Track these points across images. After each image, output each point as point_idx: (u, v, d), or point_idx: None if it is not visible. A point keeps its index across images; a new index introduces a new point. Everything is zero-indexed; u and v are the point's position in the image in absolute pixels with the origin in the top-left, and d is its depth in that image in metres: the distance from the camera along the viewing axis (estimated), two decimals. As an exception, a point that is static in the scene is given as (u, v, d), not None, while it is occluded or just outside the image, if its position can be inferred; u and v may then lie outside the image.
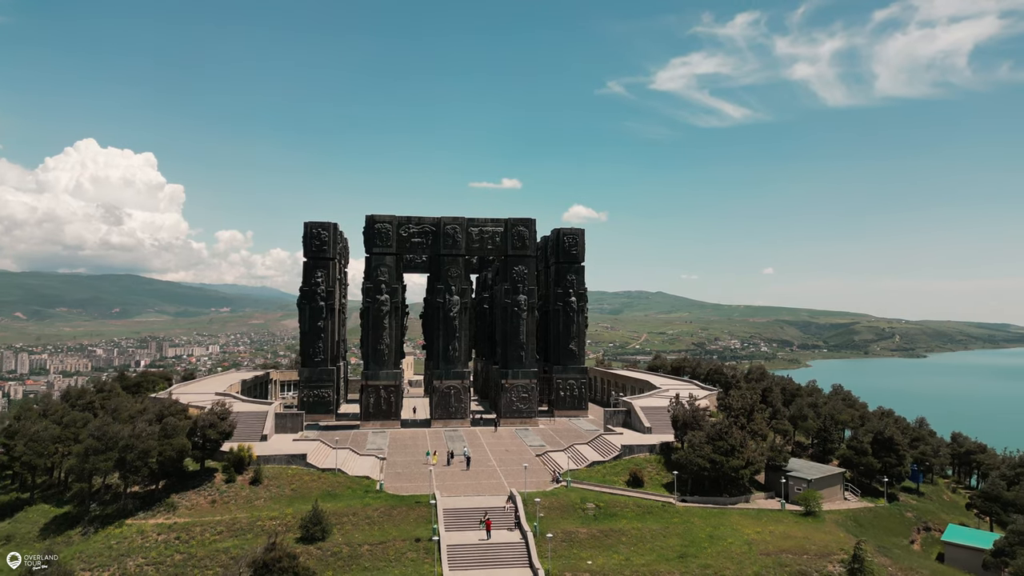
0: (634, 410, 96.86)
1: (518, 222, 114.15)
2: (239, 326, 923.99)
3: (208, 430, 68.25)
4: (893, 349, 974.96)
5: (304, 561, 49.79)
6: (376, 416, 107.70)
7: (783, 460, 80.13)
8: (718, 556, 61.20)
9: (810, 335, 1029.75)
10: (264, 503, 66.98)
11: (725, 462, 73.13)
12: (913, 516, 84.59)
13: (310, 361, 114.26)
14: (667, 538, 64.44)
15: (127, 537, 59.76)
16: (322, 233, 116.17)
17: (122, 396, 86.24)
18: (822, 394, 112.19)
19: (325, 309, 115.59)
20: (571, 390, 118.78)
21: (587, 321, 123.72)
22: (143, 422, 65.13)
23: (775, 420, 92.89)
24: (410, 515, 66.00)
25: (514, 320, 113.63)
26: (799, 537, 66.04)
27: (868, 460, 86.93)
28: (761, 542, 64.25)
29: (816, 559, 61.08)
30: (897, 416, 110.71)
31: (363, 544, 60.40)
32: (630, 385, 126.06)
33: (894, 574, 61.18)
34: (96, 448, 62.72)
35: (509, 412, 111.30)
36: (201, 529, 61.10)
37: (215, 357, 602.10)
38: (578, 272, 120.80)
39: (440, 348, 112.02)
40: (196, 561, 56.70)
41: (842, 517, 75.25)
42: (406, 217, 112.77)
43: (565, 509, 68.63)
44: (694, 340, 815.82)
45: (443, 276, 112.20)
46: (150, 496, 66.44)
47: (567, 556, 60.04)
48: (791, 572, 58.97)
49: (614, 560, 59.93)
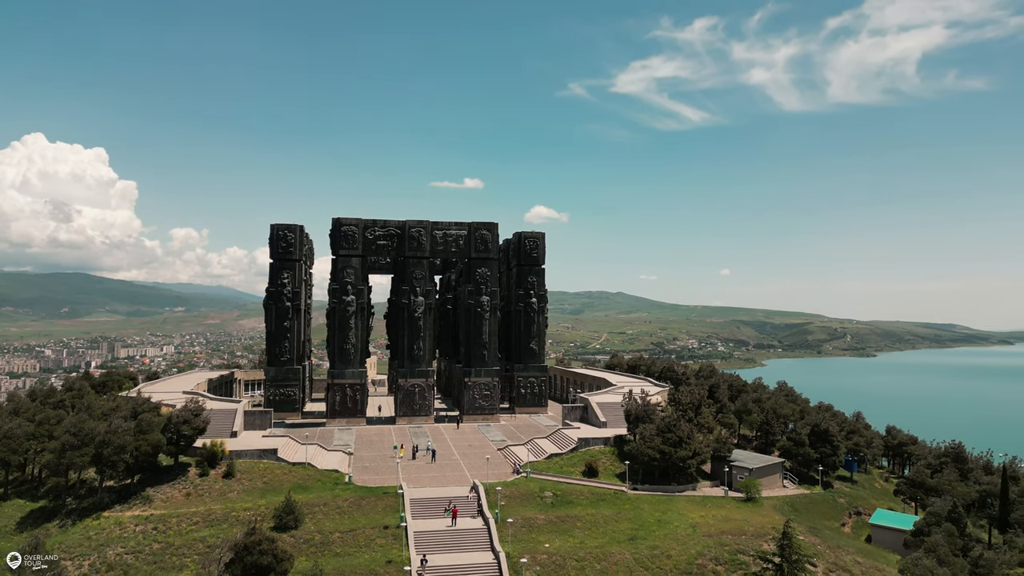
0: (591, 406, 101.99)
1: (481, 226, 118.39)
2: (194, 326, 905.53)
3: (182, 426, 70.82)
4: (845, 348, 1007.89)
5: (281, 545, 53.12)
6: (342, 414, 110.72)
7: (727, 451, 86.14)
8: (665, 538, 66.49)
9: (765, 335, 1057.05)
10: (237, 495, 69.91)
11: (673, 453, 78.66)
12: (845, 502, 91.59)
13: (276, 360, 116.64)
14: (619, 523, 69.50)
15: (105, 528, 62.22)
16: (288, 235, 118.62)
17: (91, 395, 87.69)
18: (767, 390, 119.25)
19: (291, 310, 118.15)
20: (531, 388, 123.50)
21: (547, 321, 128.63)
22: (119, 418, 67.42)
23: (721, 414, 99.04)
24: (378, 505, 69.73)
25: (477, 320, 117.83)
26: (739, 520, 71.83)
27: (806, 451, 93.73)
28: (704, 525, 69.80)
29: (753, 539, 66.83)
30: (836, 411, 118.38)
31: (334, 532, 63.98)
32: (588, 383, 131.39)
33: (823, 552, 67.36)
34: (72, 444, 64.89)
35: (472, 409, 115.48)
36: (177, 520, 63.86)
37: (169, 358, 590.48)
38: (539, 274, 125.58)
39: (405, 347, 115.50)
40: (174, 550, 59.54)
41: (780, 503, 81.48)
42: (371, 220, 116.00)
43: (525, 498, 73.17)
44: (653, 340, 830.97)
45: (408, 278, 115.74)
46: (125, 490, 68.76)
47: (526, 540, 64.52)
48: (730, 551, 64.55)
49: (569, 543, 64.70)
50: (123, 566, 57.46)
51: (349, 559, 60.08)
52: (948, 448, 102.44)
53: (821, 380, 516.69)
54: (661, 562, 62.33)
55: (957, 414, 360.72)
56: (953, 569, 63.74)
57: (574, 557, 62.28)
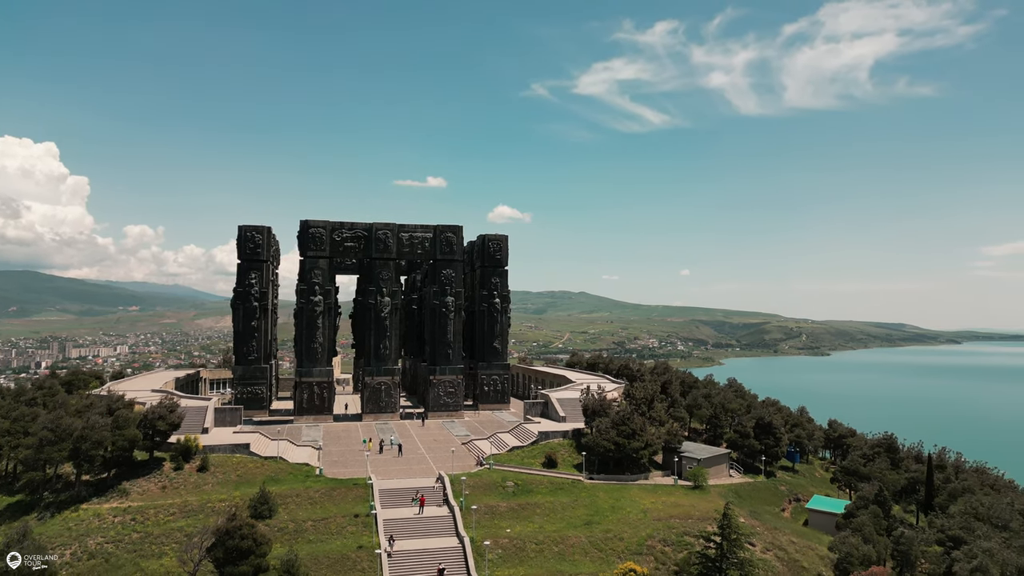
0: (551, 402, 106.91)
1: (446, 228, 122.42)
2: (149, 326, 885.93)
3: (158, 422, 73.35)
4: (800, 347, 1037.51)
5: (260, 530, 56.47)
6: (310, 411, 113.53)
7: (677, 442, 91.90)
8: (618, 523, 71.70)
9: (724, 334, 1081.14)
10: (212, 488, 72.79)
11: (627, 444, 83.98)
12: (786, 489, 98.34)
13: (244, 360, 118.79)
14: (575, 509, 74.48)
15: (84, 520, 64.65)
16: (256, 236, 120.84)
17: (62, 393, 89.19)
18: (716, 386, 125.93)
19: (259, 309, 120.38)
20: (494, 385, 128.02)
21: (510, 321, 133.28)
22: (96, 415, 69.70)
23: (673, 408, 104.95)
24: (348, 495, 73.40)
25: (442, 320, 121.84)
26: (686, 506, 77.44)
27: (751, 442, 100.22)
28: (655, 510, 75.22)
29: (698, 522, 72.37)
30: (781, 406, 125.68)
31: (307, 520, 67.52)
32: (549, 380, 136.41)
33: (761, 533, 73.40)
34: (50, 439, 67.03)
35: (437, 406, 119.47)
36: (155, 511, 66.59)
37: (124, 358, 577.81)
38: (502, 276, 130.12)
39: (372, 346, 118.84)
40: (153, 539, 62.38)
41: (725, 490, 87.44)
42: (339, 222, 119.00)
43: (488, 487, 77.61)
44: (615, 339, 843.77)
45: (375, 279, 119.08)
46: (102, 484, 71.06)
47: (489, 526, 68.96)
48: (677, 533, 70.07)
49: (529, 528, 69.41)
50: (104, 554, 60.14)
51: (322, 545, 63.74)
52: (881, 439, 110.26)
53: (775, 378, 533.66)
54: (614, 544, 67.47)
55: (899, 409, 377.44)
56: (877, 546, 70.31)
57: (533, 541, 67.01)
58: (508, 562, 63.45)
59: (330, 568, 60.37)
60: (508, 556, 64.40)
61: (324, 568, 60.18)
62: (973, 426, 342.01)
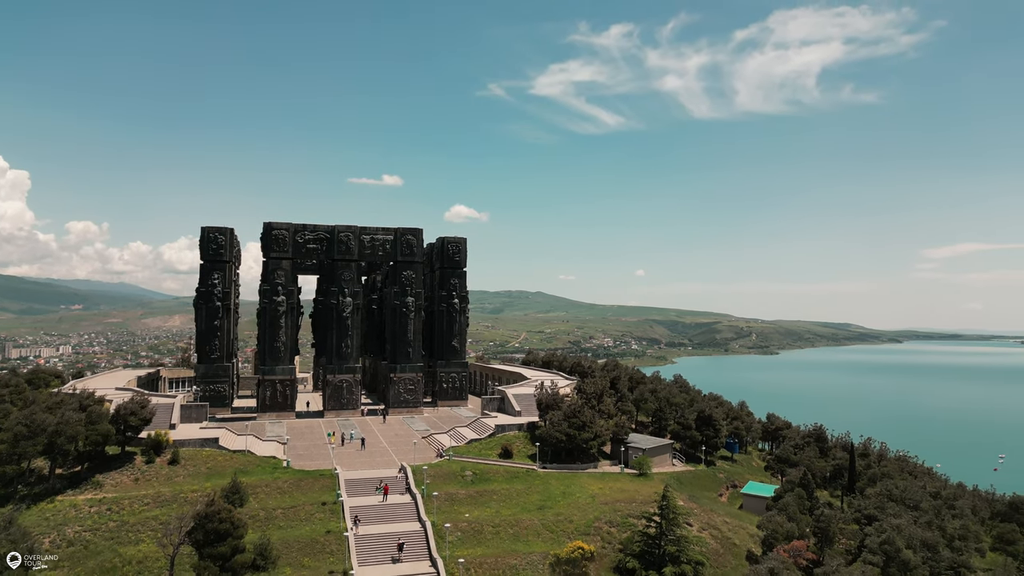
0: (507, 397, 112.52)
1: (407, 231, 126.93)
2: (93, 325, 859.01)
3: (130, 417, 76.22)
4: (750, 347, 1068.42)
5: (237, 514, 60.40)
6: (273, 408, 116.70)
7: (625, 434, 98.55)
8: (568, 507, 77.75)
9: (677, 333, 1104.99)
10: (183, 479, 76.12)
11: (578, 435, 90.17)
12: (724, 477, 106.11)
13: (207, 358, 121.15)
14: (529, 495, 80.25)
15: (60, 510, 67.43)
16: (219, 237, 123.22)
17: (28, 390, 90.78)
18: (663, 382, 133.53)
19: (221, 309, 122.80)
20: (453, 382, 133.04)
21: (468, 321, 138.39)
22: (70, 411, 72.34)
23: (621, 402, 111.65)
24: (315, 485, 77.65)
25: (402, 320, 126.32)
26: (631, 491, 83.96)
27: (692, 434, 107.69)
28: (602, 495, 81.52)
29: (641, 505, 78.82)
30: (723, 400, 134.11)
31: (276, 508, 71.62)
32: (505, 377, 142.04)
33: (698, 514, 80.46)
34: (25, 434, 69.42)
35: (397, 402, 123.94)
36: (129, 502, 69.75)
37: (67, 359, 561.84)
38: (460, 276, 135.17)
39: (333, 345, 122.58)
40: (129, 527, 65.68)
41: (668, 477, 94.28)
42: (302, 224, 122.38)
43: (447, 476, 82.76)
44: (570, 339, 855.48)
45: (337, 279, 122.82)
46: (75, 477, 73.68)
47: (449, 511, 74.13)
48: (621, 515, 76.47)
49: (486, 513, 74.89)
50: (83, 542, 63.23)
51: (292, 531, 68.00)
52: (812, 431, 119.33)
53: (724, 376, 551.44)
54: (564, 526, 73.47)
55: (838, 405, 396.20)
56: (799, 524, 78.03)
57: (490, 524, 72.52)
58: (467, 543, 68.75)
59: (300, 551, 64.75)
60: (467, 538, 69.70)
61: (295, 551, 64.53)
62: (904, 420, 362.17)
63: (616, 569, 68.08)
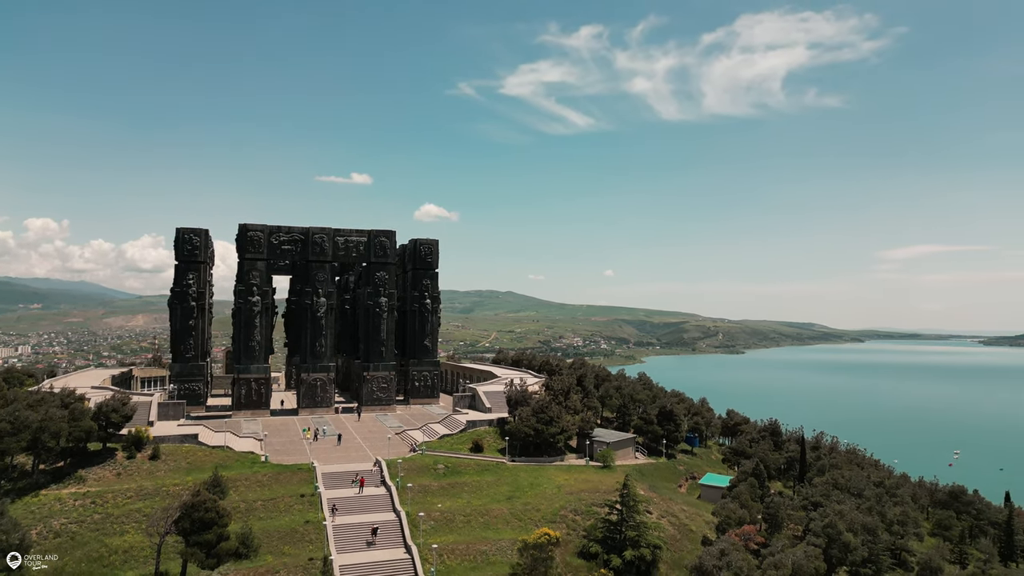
0: (478, 394, 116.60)
1: (380, 233, 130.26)
2: (53, 324, 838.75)
3: (112, 414, 78.48)
4: (717, 346, 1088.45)
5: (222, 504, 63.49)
6: (248, 406, 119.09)
7: (590, 428, 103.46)
8: (536, 497, 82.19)
9: (645, 333, 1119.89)
10: (165, 474, 78.69)
11: (545, 430, 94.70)
12: (684, 469, 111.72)
13: (181, 357, 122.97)
14: (499, 486, 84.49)
15: (45, 504, 69.66)
16: (194, 239, 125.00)
17: (5, 389, 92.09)
18: (627, 380, 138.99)
19: (196, 309, 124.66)
20: (425, 381, 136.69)
21: (440, 320, 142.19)
22: (53, 408, 74.49)
23: (586, 399, 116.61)
24: (294, 479, 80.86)
25: (375, 320, 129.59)
26: (596, 482, 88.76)
27: (654, 428, 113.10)
28: (568, 486, 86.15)
29: (604, 495, 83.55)
30: (684, 397, 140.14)
31: (256, 500, 74.70)
32: (476, 376, 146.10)
33: (657, 502, 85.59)
34: (8, 431, 71.42)
35: (371, 400, 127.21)
36: (113, 495, 72.18)
37: (26, 359, 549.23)
38: (432, 277, 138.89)
39: (308, 344, 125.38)
40: (114, 519, 68.24)
41: (630, 470, 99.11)
42: (276, 226, 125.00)
43: (421, 469, 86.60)
44: (540, 338, 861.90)
45: (311, 280, 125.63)
46: (58, 472, 75.79)
47: (422, 502, 77.98)
48: (586, 504, 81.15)
49: (458, 503, 78.93)
50: (68, 533, 65.67)
51: (272, 521, 71.19)
52: (767, 425, 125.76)
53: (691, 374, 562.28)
54: (532, 514, 77.86)
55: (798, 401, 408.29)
56: (751, 511, 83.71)
57: (462, 513, 76.58)
58: (440, 532, 72.67)
59: (281, 539, 67.99)
60: (439, 527, 73.62)
61: (275, 540, 67.74)
62: (865, 417, 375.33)
63: (580, 553, 72.65)
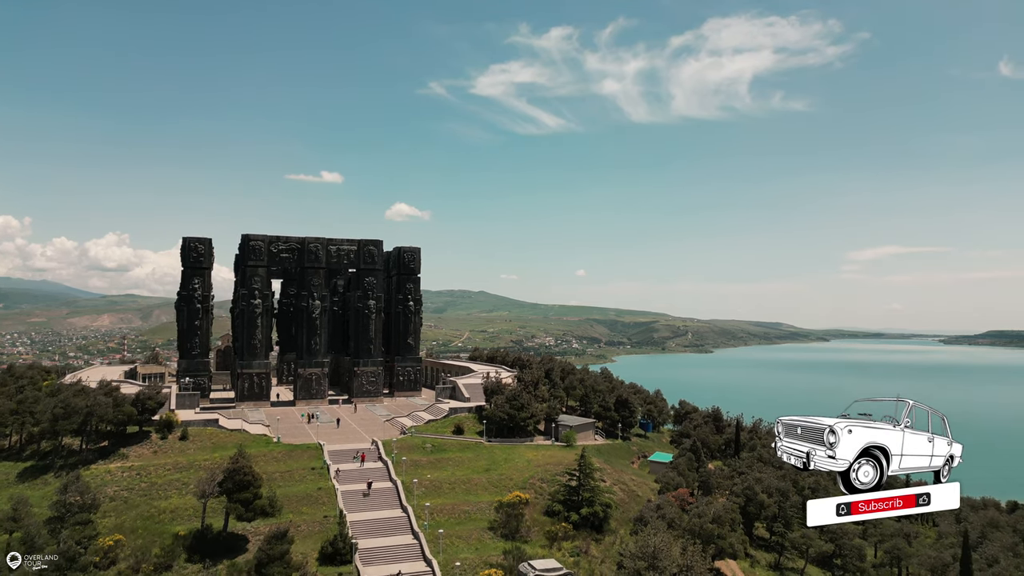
0: (458, 386, 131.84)
1: (369, 243, 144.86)
2: (15, 324, 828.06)
3: (148, 401, 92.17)
4: (686, 345, 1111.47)
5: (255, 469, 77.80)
6: (250, 397, 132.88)
7: (556, 414, 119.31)
8: (509, 469, 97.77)
9: (616, 332, 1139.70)
10: (194, 451, 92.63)
11: (517, 415, 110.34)
12: (636, 449, 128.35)
13: (188, 355, 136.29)
14: (478, 461, 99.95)
15: (97, 475, 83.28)
16: (199, 247, 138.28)
17: (51, 379, 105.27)
18: (590, 373, 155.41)
19: (200, 311, 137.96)
20: (408, 375, 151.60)
21: (422, 321, 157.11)
22: (100, 395, 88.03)
23: (553, 389, 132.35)
24: (304, 455, 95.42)
25: (364, 320, 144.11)
26: (559, 457, 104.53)
27: (612, 415, 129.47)
28: (536, 460, 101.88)
29: (566, 467, 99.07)
30: (640, 388, 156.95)
31: (275, 472, 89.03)
32: (455, 371, 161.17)
33: (610, 472, 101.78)
34: (62, 415, 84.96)
35: (360, 392, 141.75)
36: (154, 468, 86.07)
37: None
38: (415, 282, 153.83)
39: (304, 342, 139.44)
40: (158, 487, 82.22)
41: (590, 448, 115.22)
42: (275, 236, 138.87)
43: (411, 448, 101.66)
44: (513, 338, 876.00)
45: (307, 285, 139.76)
46: (103, 451, 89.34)
47: (414, 473, 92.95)
48: (551, 474, 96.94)
49: (444, 474, 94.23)
50: (121, 499, 79.55)
51: (290, 488, 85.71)
52: (710, 412, 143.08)
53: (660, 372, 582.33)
54: (505, 483, 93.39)
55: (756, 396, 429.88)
56: (687, 479, 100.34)
57: (447, 482, 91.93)
58: (429, 496, 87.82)
59: (299, 502, 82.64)
60: (429, 492, 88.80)
61: (295, 503, 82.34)
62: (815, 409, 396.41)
63: (546, 512, 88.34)
